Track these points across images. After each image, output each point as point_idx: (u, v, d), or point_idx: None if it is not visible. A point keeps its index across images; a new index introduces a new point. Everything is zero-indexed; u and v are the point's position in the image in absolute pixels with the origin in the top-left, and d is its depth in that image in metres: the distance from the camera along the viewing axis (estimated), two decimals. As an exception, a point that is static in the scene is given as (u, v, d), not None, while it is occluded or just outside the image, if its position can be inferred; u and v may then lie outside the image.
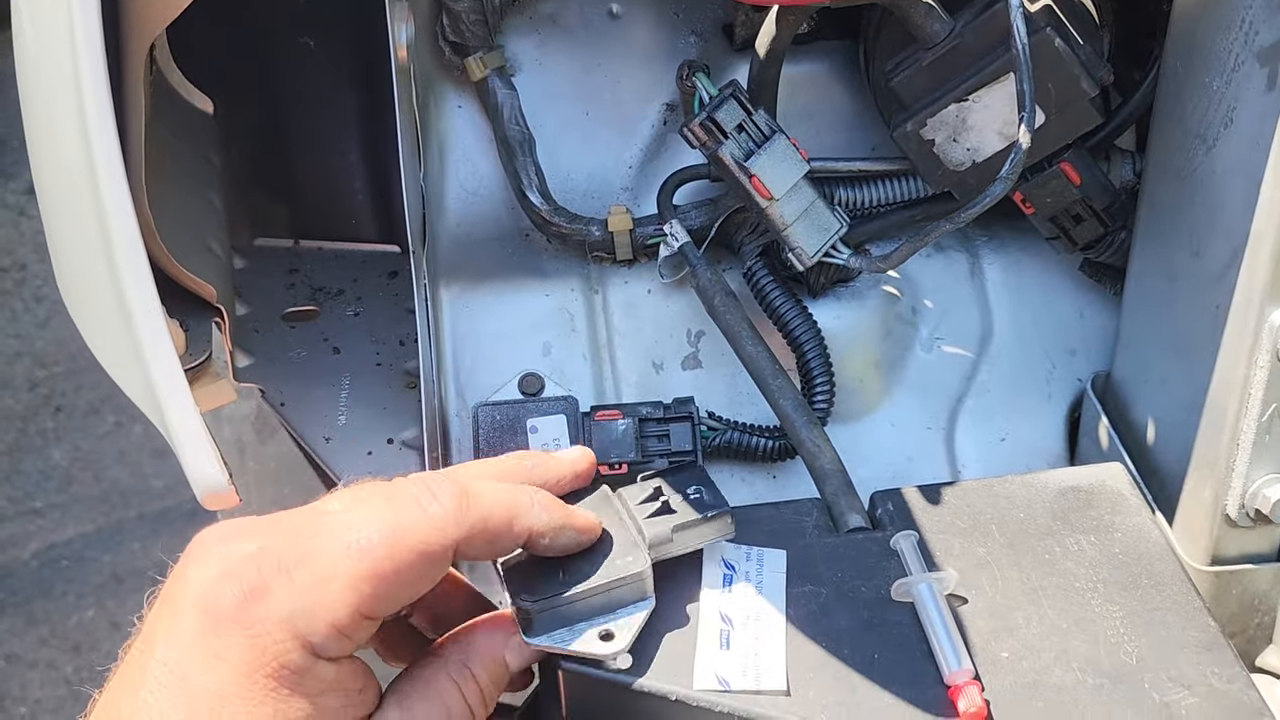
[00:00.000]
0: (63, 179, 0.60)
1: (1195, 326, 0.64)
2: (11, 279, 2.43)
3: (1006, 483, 0.64)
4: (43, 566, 1.92)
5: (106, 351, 0.61)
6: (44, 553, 1.94)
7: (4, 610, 1.85)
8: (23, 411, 2.18)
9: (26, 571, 1.92)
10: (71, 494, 2.04)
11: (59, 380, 2.23)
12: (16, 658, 1.80)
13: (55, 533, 1.97)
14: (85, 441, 2.11)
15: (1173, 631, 0.56)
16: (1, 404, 2.19)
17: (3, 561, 1.93)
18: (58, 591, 1.88)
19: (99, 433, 2.13)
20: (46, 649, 1.81)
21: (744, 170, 0.69)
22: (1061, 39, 0.66)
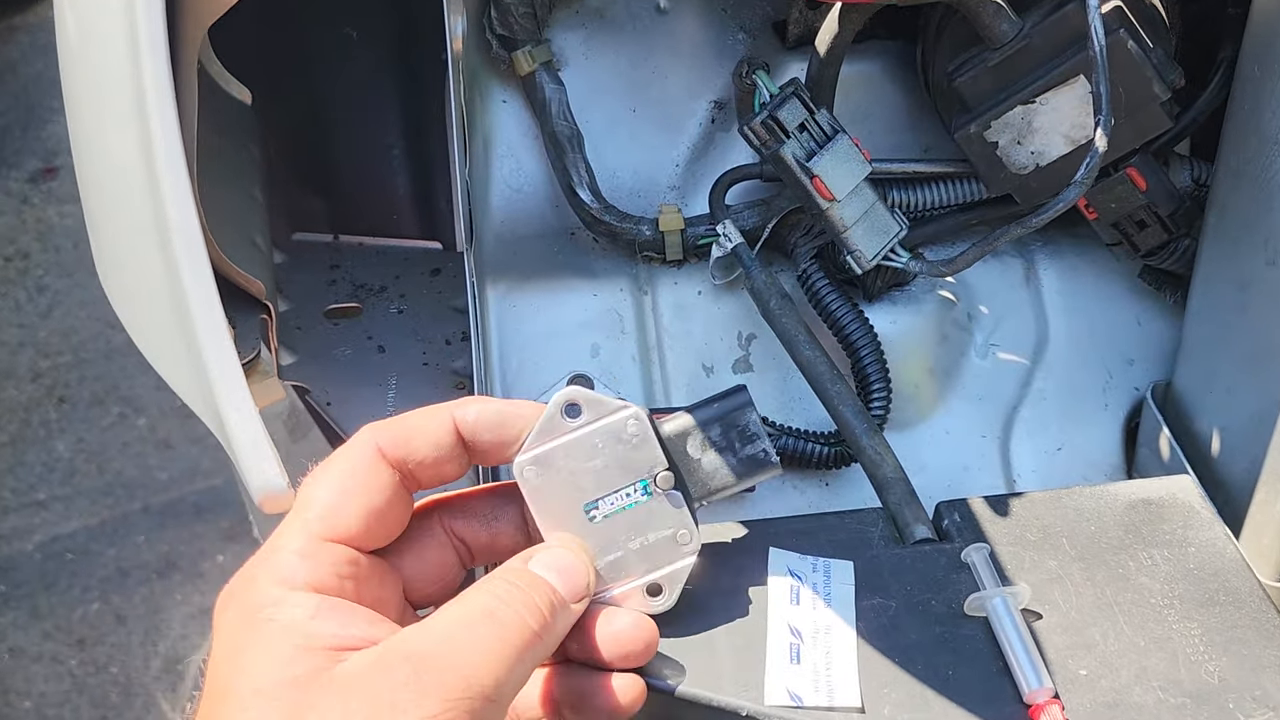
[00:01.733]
0: (114, 173, 0.58)
1: (1270, 336, 0.63)
2: (14, 268, 2.41)
3: (1074, 494, 0.63)
4: (46, 559, 1.90)
5: (157, 348, 0.60)
6: (48, 545, 1.92)
7: (8, 603, 1.84)
8: (26, 402, 2.16)
9: (30, 564, 1.90)
10: (75, 486, 2.02)
11: (62, 371, 2.21)
12: (20, 651, 1.78)
13: (59, 525, 1.95)
14: (89, 433, 2.09)
15: (1253, 650, 0.55)
16: (4, 395, 2.17)
17: (6, 554, 1.91)
18: (62, 585, 1.87)
19: (103, 424, 2.11)
20: (51, 643, 1.79)
21: (806, 171, 0.68)
22: (1134, 41, 0.64)
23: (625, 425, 0.50)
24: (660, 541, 0.51)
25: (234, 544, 1.84)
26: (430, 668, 0.42)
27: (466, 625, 0.44)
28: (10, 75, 2.83)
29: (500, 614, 0.44)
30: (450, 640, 0.43)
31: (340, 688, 0.42)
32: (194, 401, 0.57)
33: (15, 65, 2.85)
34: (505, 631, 0.44)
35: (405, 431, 0.49)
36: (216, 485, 1.96)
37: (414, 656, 0.42)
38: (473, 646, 0.43)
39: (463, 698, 0.41)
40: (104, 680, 1.76)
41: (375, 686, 0.41)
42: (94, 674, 1.76)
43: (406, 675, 0.41)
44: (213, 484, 1.96)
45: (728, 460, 0.52)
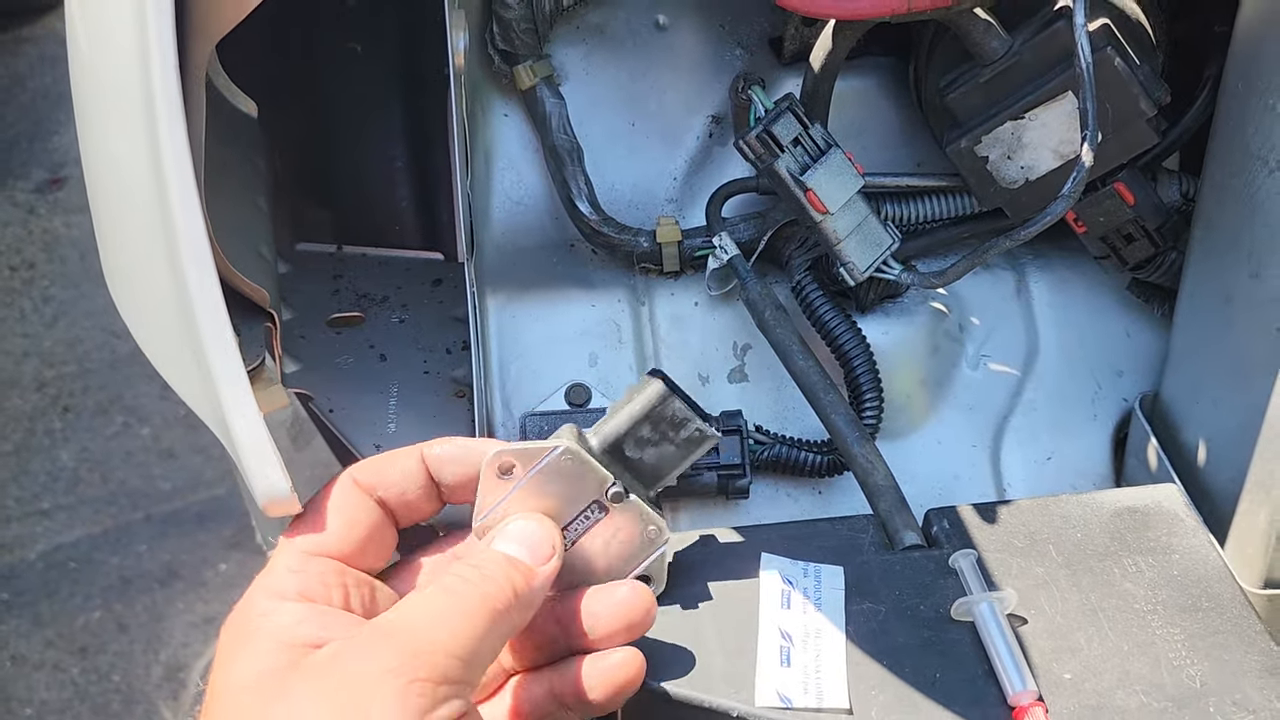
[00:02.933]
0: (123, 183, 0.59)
1: (1253, 348, 0.64)
2: (20, 278, 2.42)
3: (1061, 502, 0.64)
4: (49, 568, 1.91)
5: (164, 355, 0.61)
6: (51, 554, 1.93)
7: (10, 611, 1.84)
8: (31, 412, 2.17)
9: (33, 573, 1.91)
10: (79, 495, 2.03)
11: (67, 380, 2.22)
12: (23, 659, 1.79)
13: (62, 534, 1.96)
14: (93, 442, 2.10)
15: (1235, 655, 0.56)
16: (9, 404, 2.18)
17: (9, 563, 1.92)
18: (64, 593, 1.87)
19: (107, 434, 2.12)
20: (53, 651, 1.80)
21: (800, 184, 0.69)
22: (1121, 58, 0.66)
23: (560, 462, 0.53)
24: (634, 542, 0.55)
25: (236, 552, 1.85)
26: (400, 642, 0.45)
27: (432, 603, 0.47)
28: (18, 88, 2.85)
29: (462, 590, 0.47)
30: (418, 617, 0.46)
31: (313, 671, 0.44)
32: (200, 408, 0.58)
33: (23, 78, 2.87)
34: (468, 604, 0.47)
35: (378, 464, 0.54)
36: (219, 495, 1.97)
37: (384, 633, 0.45)
38: (440, 621, 0.46)
39: (433, 666, 0.44)
40: (106, 688, 1.76)
41: (346, 664, 0.44)
42: (96, 682, 1.77)
43: (378, 650, 0.44)
44: (215, 493, 1.97)
45: (666, 450, 0.55)
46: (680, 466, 0.56)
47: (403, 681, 0.43)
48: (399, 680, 0.43)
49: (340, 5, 0.81)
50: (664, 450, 0.55)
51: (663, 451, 0.55)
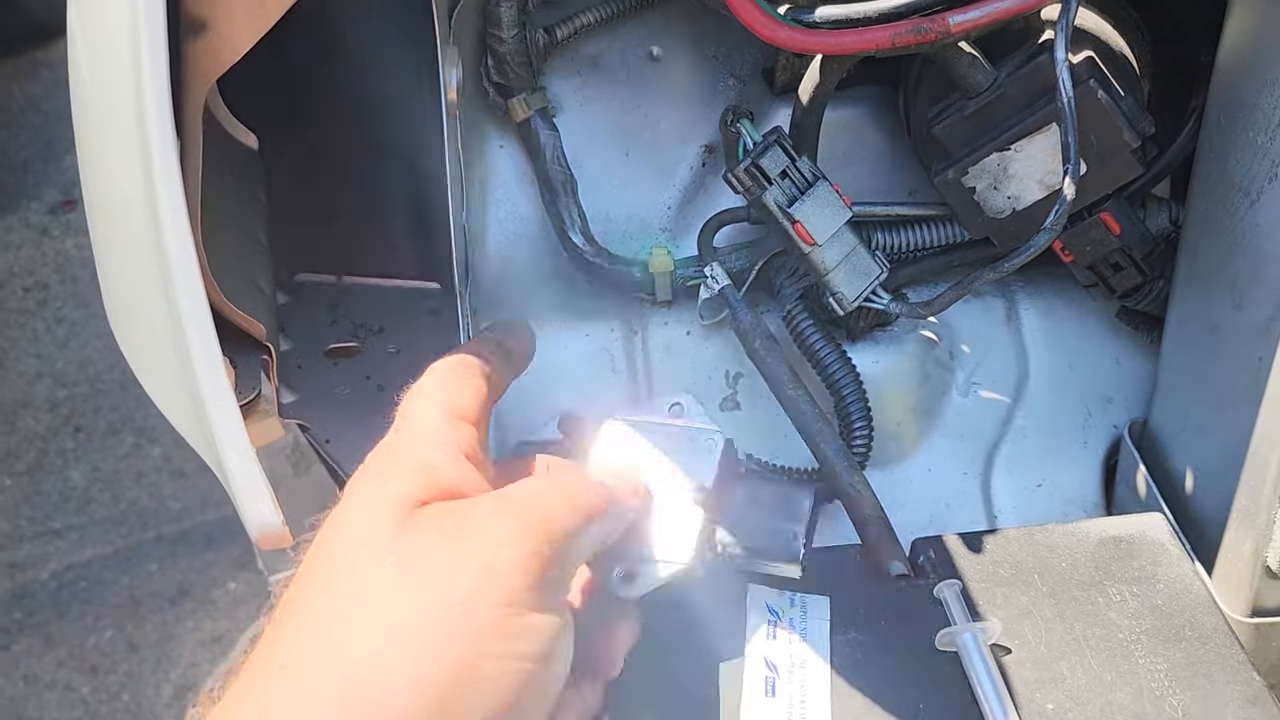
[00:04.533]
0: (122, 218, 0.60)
1: (1237, 377, 0.64)
2: (34, 299, 2.45)
3: (1047, 531, 0.64)
4: (61, 588, 1.93)
5: (160, 388, 0.62)
6: (62, 574, 1.95)
7: (22, 631, 1.86)
8: (43, 432, 2.19)
9: (45, 592, 1.92)
10: (90, 515, 2.04)
11: (79, 401, 2.24)
12: (34, 678, 1.80)
13: (73, 554, 1.98)
14: (105, 462, 2.12)
15: (1217, 685, 0.57)
16: (22, 424, 2.20)
17: (21, 582, 1.93)
18: (75, 613, 1.89)
19: (118, 454, 2.14)
20: (64, 670, 1.81)
21: (787, 216, 0.70)
22: (1104, 91, 0.67)
23: (703, 435, 0.57)
24: (661, 538, 0.56)
25: (245, 572, 1.86)
26: (517, 507, 0.48)
27: (547, 489, 0.51)
28: (32, 110, 2.89)
29: (574, 488, 0.52)
30: (535, 493, 0.50)
31: (446, 511, 0.47)
32: (195, 441, 0.60)
33: (38, 100, 2.90)
34: (579, 498, 0.51)
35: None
36: (228, 514, 1.97)
37: (504, 497, 0.49)
38: (552, 501, 0.50)
39: (540, 533, 0.47)
40: (116, 708, 1.78)
41: (466, 512, 0.47)
42: (106, 701, 1.78)
43: (496, 507, 0.48)
44: (225, 513, 1.98)
45: (761, 524, 0.58)
46: (747, 558, 0.59)
47: (527, 549, 0.46)
48: (525, 546, 0.46)
49: (337, 40, 0.83)
50: (757, 524, 0.58)
51: (756, 524, 0.58)
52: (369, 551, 0.46)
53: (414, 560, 0.45)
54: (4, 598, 1.91)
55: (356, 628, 0.44)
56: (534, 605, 0.45)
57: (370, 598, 0.45)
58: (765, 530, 0.57)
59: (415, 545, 0.46)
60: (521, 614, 0.45)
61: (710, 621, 0.59)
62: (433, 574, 0.45)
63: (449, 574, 0.45)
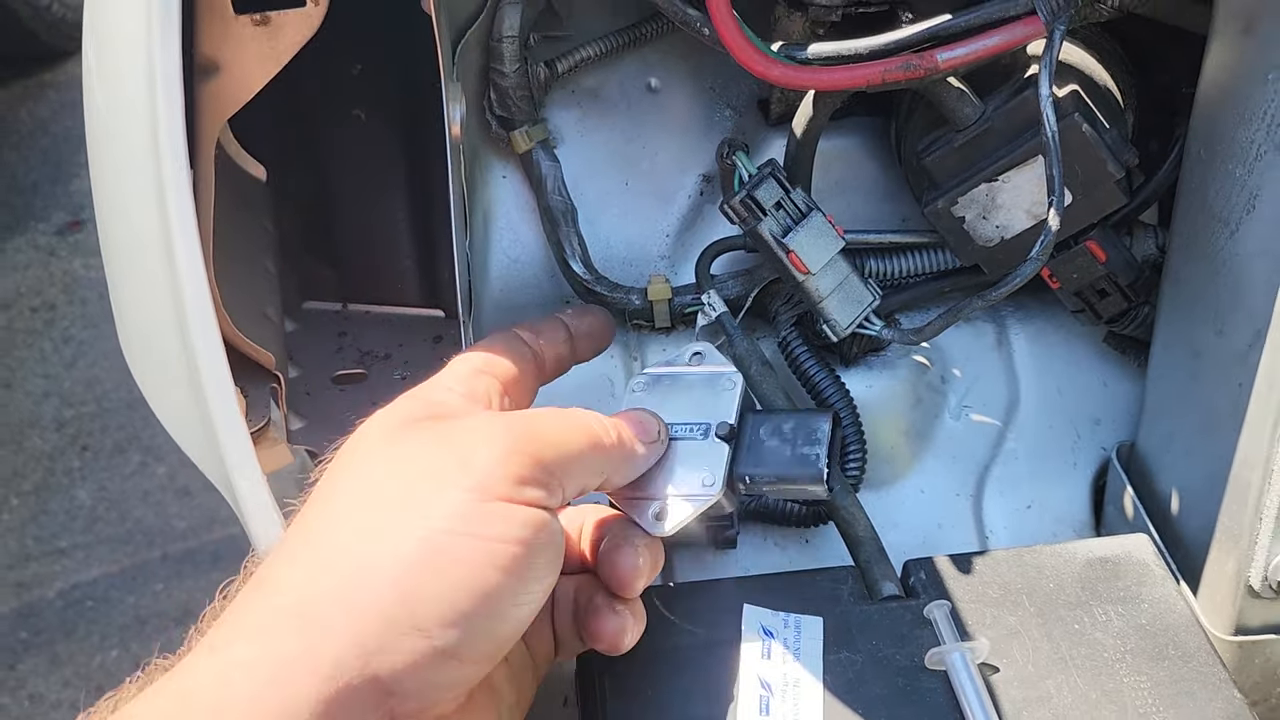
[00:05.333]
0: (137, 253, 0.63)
1: (1219, 402, 0.66)
2: (41, 319, 2.47)
3: (1035, 553, 0.66)
4: (67, 607, 1.94)
5: (173, 418, 0.64)
6: (69, 593, 1.96)
7: (28, 650, 1.87)
8: (50, 451, 2.21)
9: (51, 611, 1.93)
10: (96, 534, 2.06)
11: (86, 420, 2.26)
12: (40, 698, 1.81)
13: (80, 573, 1.99)
14: (111, 481, 2.14)
15: (1199, 703, 0.58)
16: (29, 443, 2.22)
17: (28, 601, 1.95)
18: (81, 632, 1.90)
19: (125, 472, 2.15)
20: (70, 690, 1.83)
21: (782, 246, 0.72)
22: (1088, 124, 0.69)
23: (723, 378, 0.60)
24: (689, 475, 0.58)
25: (250, 591, 1.87)
26: (509, 418, 0.52)
27: (547, 411, 0.54)
28: (40, 132, 2.91)
29: (576, 414, 0.55)
30: (533, 412, 0.54)
31: (433, 422, 0.51)
32: (207, 468, 0.62)
33: (46, 123, 2.93)
34: (579, 422, 0.54)
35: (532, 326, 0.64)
36: (234, 533, 1.99)
37: (505, 416, 0.53)
38: (549, 418, 0.53)
39: (524, 436, 0.50)
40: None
41: (462, 421, 0.51)
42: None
43: (488, 416, 0.52)
44: (230, 532, 2.00)
45: (783, 452, 0.59)
46: (776, 484, 0.60)
47: (506, 447, 0.49)
48: (504, 445, 0.49)
49: (345, 74, 0.85)
50: (781, 452, 0.59)
51: (780, 453, 0.59)
52: (362, 460, 0.50)
53: (400, 461, 0.49)
54: (10, 617, 1.92)
55: (333, 527, 0.48)
56: (506, 495, 0.48)
57: (357, 501, 0.48)
58: (788, 457, 0.59)
59: (404, 450, 0.50)
60: (490, 500, 0.47)
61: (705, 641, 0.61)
62: (414, 469, 0.48)
63: (428, 467, 0.48)
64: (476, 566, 0.46)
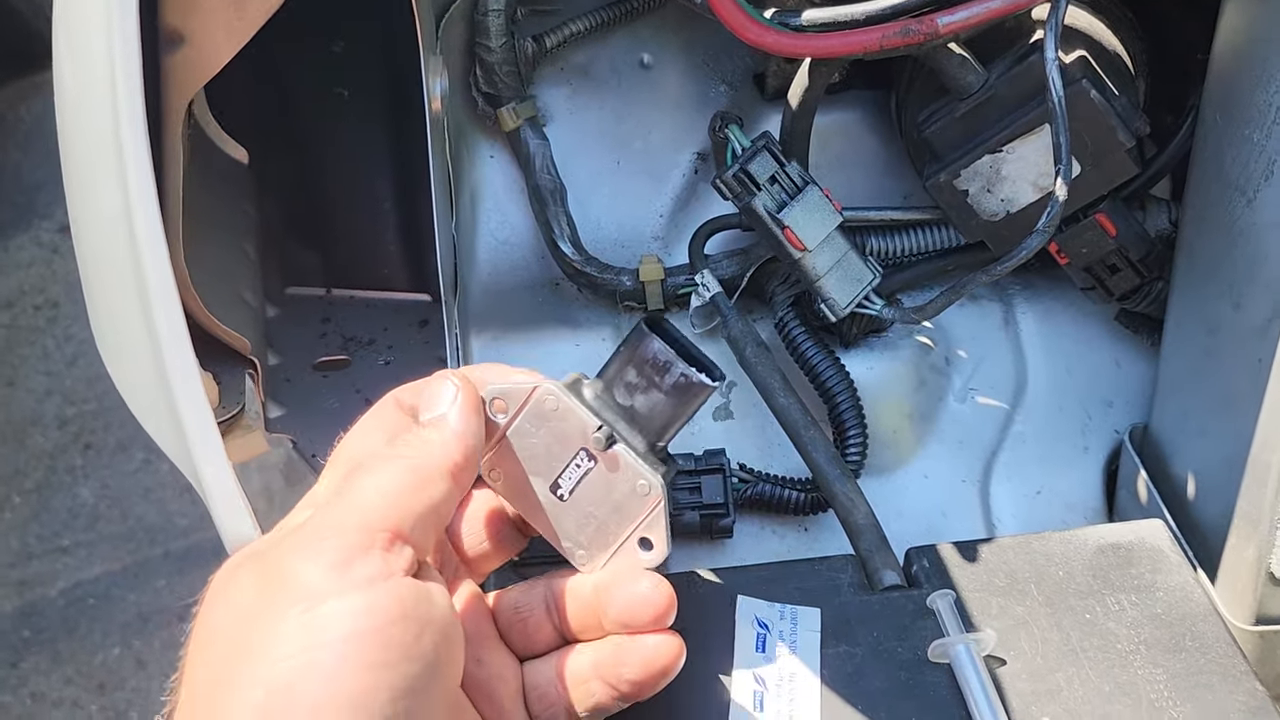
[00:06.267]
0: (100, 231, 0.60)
1: (1237, 380, 0.63)
2: (44, 316, 2.46)
3: (1044, 539, 0.63)
4: (69, 605, 1.93)
5: (141, 404, 0.61)
6: (70, 591, 1.95)
7: (30, 648, 1.86)
8: (52, 450, 2.19)
9: (53, 610, 1.92)
10: (99, 532, 2.04)
11: (88, 418, 2.24)
12: (42, 696, 1.80)
13: (82, 571, 1.98)
14: (113, 479, 2.12)
15: (1218, 696, 0.55)
16: (31, 441, 2.20)
17: (30, 600, 1.94)
18: (83, 630, 1.89)
19: (127, 470, 2.14)
20: (71, 688, 1.81)
21: (777, 222, 0.69)
22: (1097, 90, 0.65)
23: (543, 402, 0.51)
24: (626, 498, 0.51)
25: (252, 588, 1.86)
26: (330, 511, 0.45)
27: (367, 476, 0.47)
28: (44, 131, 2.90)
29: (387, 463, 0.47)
30: (354, 488, 0.46)
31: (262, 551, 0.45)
32: (176, 456, 0.59)
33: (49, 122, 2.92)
34: (396, 474, 0.46)
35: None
36: (236, 530, 1.97)
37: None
38: (373, 491, 0.45)
39: (355, 530, 0.44)
40: (124, 725, 1.77)
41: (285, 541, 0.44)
42: (114, 718, 1.78)
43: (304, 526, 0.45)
44: (232, 529, 1.98)
45: (655, 398, 0.51)
46: (678, 418, 0.52)
47: (316, 539, 0.44)
48: (314, 536, 0.44)
49: (327, 53, 0.82)
50: (654, 398, 0.51)
51: (653, 400, 0.51)
52: (210, 605, 0.45)
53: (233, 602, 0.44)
54: (12, 615, 1.91)
55: (194, 685, 0.44)
56: (336, 591, 0.42)
57: (209, 654, 0.44)
58: (663, 397, 0.51)
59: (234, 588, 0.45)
60: (320, 603, 0.42)
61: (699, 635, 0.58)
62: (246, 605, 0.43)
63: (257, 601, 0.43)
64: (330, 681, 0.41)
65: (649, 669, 0.51)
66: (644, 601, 0.51)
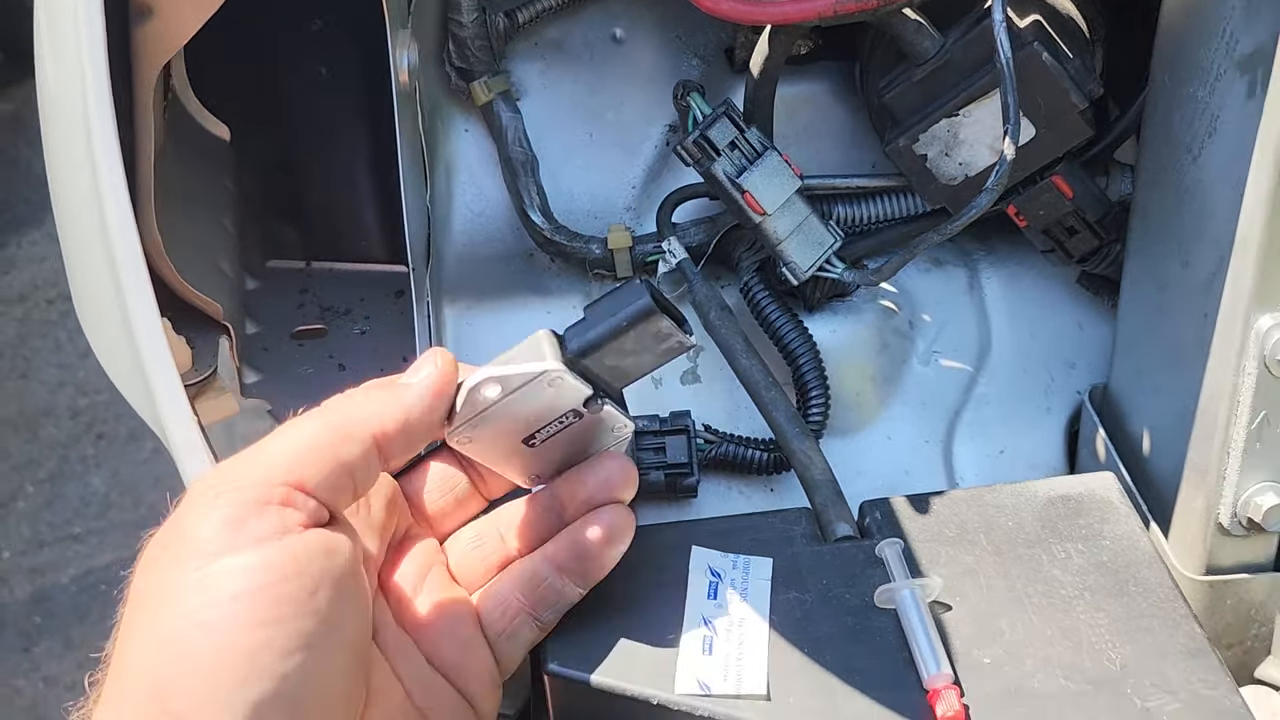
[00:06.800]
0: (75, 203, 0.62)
1: (1186, 335, 0.64)
2: (57, 310, 2.49)
3: (995, 492, 0.64)
4: (81, 591, 1.96)
5: (115, 367, 0.64)
6: (82, 578, 1.98)
7: (42, 634, 1.89)
8: (64, 439, 2.23)
9: (65, 596, 1.95)
10: (110, 519, 2.08)
11: (100, 409, 2.28)
12: (54, 680, 1.83)
13: (93, 558, 2.01)
14: (125, 468, 2.16)
15: (1158, 638, 0.56)
16: (44, 431, 2.24)
17: (42, 586, 1.97)
18: (94, 616, 1.92)
19: (138, 459, 2.17)
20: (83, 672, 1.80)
21: (736, 186, 0.70)
22: (1049, 53, 0.67)
23: (544, 384, 0.53)
24: (597, 436, 0.56)
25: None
26: (231, 463, 0.48)
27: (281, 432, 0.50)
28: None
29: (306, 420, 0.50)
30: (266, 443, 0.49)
31: None
32: (145, 414, 0.61)
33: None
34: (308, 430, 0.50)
35: None
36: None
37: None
38: (280, 446, 0.48)
39: (247, 481, 0.46)
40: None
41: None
42: (124, 702, 1.80)
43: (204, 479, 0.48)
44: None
45: (644, 359, 0.55)
46: (653, 369, 0.56)
47: (212, 495, 0.45)
48: (211, 493, 0.45)
49: (306, 31, 0.84)
50: (642, 359, 0.54)
51: (640, 360, 0.54)
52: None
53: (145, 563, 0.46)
54: (25, 601, 1.94)
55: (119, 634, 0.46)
56: (233, 546, 0.44)
57: (129, 607, 0.46)
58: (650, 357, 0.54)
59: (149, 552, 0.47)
60: (212, 561, 0.43)
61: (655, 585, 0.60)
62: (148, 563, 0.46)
63: (157, 556, 0.45)
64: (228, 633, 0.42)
65: (610, 531, 0.55)
66: (619, 470, 0.55)
